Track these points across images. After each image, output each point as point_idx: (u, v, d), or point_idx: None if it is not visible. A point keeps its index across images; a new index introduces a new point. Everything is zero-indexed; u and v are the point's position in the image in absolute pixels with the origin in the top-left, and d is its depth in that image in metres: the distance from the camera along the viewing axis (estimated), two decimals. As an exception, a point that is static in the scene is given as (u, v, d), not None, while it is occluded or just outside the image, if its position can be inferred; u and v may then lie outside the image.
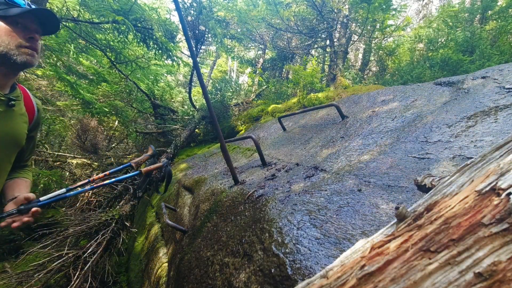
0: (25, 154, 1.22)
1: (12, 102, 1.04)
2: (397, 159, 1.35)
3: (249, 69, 12.20)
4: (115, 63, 5.16)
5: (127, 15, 3.96)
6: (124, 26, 4.01)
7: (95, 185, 1.38)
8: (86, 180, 1.41)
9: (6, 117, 1.03)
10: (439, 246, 0.38)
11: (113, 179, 1.43)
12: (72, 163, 5.40)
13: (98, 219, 3.22)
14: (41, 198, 1.14)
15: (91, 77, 5.73)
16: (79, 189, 1.29)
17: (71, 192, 1.26)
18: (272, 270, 0.85)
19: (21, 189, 1.16)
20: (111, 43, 5.14)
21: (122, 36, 4.55)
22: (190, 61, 7.87)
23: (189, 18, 5.81)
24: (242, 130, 5.50)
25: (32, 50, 1.01)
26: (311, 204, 1.09)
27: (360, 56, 10.69)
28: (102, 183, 1.40)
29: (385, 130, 1.80)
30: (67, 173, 5.39)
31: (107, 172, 1.50)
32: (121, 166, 1.57)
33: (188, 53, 7.66)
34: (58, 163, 5.46)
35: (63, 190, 1.26)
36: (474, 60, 4.75)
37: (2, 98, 1.01)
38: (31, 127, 1.15)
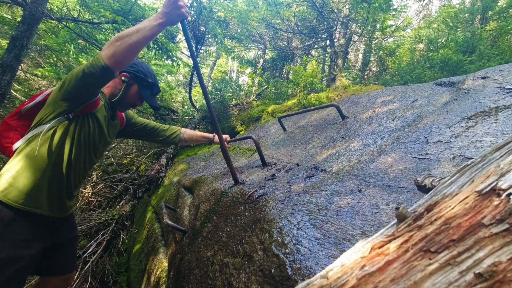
0: (149, 130, 1.83)
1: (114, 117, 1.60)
2: (397, 159, 1.35)
3: (249, 70, 12.20)
4: (115, 63, 5.16)
5: (127, 16, 3.96)
6: (124, 26, 4.02)
7: None
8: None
9: (112, 126, 1.60)
10: (439, 247, 0.38)
11: None
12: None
13: (98, 219, 3.22)
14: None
15: (91, 77, 5.71)
16: None
17: None
18: (272, 271, 0.85)
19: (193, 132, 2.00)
20: (111, 43, 5.13)
21: (122, 36, 4.54)
22: (190, 61, 7.88)
23: (189, 18, 5.81)
24: (242, 130, 5.50)
25: (131, 108, 1.63)
26: (311, 204, 1.09)
27: (360, 56, 10.69)
28: None
29: (385, 130, 1.80)
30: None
31: None
32: None
33: (188, 53, 7.66)
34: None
35: None
36: (474, 60, 4.75)
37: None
38: (125, 126, 1.75)
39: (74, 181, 1.41)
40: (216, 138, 1.85)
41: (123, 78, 1.49)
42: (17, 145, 1.33)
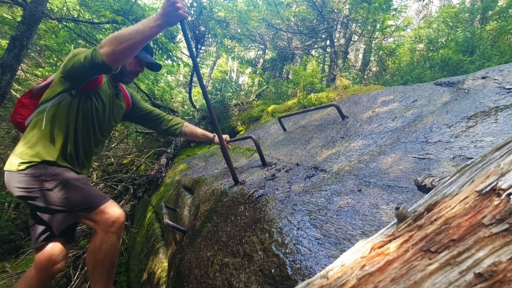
0: (154, 117, 1.87)
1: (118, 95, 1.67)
2: (397, 159, 1.35)
3: (249, 69, 12.20)
4: (115, 63, 5.16)
5: (127, 15, 3.96)
6: (124, 26, 4.02)
7: None
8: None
9: (117, 105, 1.67)
10: (439, 247, 0.38)
11: None
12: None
13: (98, 219, 3.21)
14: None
15: (91, 77, 5.72)
16: None
17: None
18: (272, 271, 0.85)
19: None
20: (111, 43, 5.13)
21: (122, 36, 4.54)
22: (190, 61, 7.87)
23: (189, 18, 5.81)
24: (242, 130, 5.50)
25: (135, 77, 1.66)
26: (311, 204, 1.09)
27: (360, 56, 10.69)
28: None
29: (385, 130, 1.80)
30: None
31: None
32: None
33: (188, 53, 7.65)
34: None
35: None
36: (474, 60, 4.75)
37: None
38: (131, 109, 1.81)
39: (81, 157, 1.53)
40: (216, 138, 1.87)
41: None
42: (28, 121, 1.48)
